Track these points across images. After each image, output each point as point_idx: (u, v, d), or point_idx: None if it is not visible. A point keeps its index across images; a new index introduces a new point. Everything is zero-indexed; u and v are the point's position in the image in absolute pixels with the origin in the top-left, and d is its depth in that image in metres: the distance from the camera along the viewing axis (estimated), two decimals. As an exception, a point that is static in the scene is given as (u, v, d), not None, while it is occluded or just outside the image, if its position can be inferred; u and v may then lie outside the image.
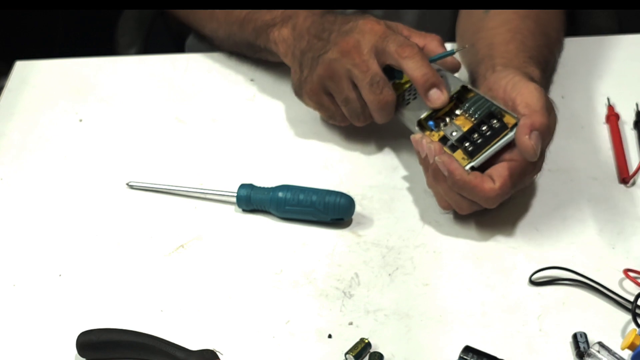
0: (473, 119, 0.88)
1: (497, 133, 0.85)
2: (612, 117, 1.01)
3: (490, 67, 0.93)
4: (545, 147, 0.86)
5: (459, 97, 0.91)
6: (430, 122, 0.91)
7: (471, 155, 0.85)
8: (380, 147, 1.00)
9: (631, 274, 0.81)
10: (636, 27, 1.20)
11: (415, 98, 0.94)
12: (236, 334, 0.79)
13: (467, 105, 0.89)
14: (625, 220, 0.89)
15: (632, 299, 0.78)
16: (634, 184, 0.93)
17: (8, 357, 0.78)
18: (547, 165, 0.89)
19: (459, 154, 0.86)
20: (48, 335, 0.79)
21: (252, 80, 1.11)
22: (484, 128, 0.86)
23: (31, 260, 0.87)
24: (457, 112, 0.90)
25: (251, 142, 1.01)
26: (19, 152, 1.00)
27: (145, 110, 1.07)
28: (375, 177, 0.96)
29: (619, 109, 1.02)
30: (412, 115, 0.93)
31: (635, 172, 0.93)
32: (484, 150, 0.85)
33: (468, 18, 1.07)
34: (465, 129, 0.87)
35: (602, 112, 1.02)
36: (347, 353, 0.76)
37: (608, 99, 1.03)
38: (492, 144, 0.85)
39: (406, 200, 0.92)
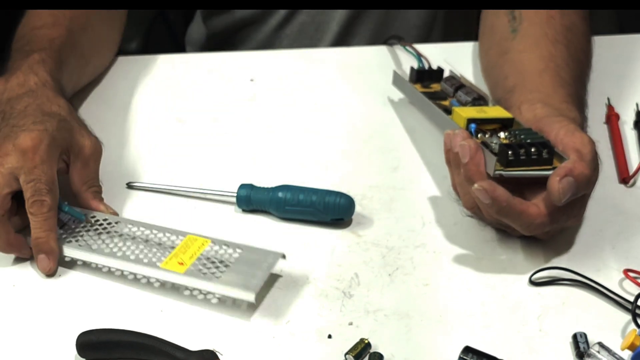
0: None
1: (541, 162, 0.83)
2: (612, 117, 1.01)
3: (526, 101, 0.90)
4: (579, 195, 0.82)
5: (505, 124, 0.89)
6: (472, 125, 0.88)
7: (508, 164, 0.82)
8: (380, 147, 1.00)
9: (631, 274, 0.81)
10: (636, 27, 1.21)
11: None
12: (236, 334, 0.79)
13: (516, 132, 0.86)
14: (625, 220, 0.89)
15: (632, 299, 0.78)
16: (634, 184, 0.93)
17: (8, 357, 0.78)
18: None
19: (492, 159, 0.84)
20: (48, 335, 0.79)
21: (252, 80, 1.11)
22: (533, 150, 0.82)
23: (31, 260, 0.87)
24: (501, 134, 0.87)
25: (251, 142, 1.01)
26: (19, 152, 1.00)
27: (145, 110, 1.07)
28: (375, 177, 0.96)
29: (619, 109, 1.02)
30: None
31: (635, 172, 0.93)
32: (521, 168, 0.82)
33: (491, 34, 1.05)
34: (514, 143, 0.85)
35: (602, 112, 1.02)
36: (347, 353, 0.76)
37: (608, 99, 1.03)
38: (532, 167, 0.83)
39: (406, 200, 0.92)
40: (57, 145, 0.86)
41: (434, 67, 1.04)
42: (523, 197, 0.83)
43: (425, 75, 1.03)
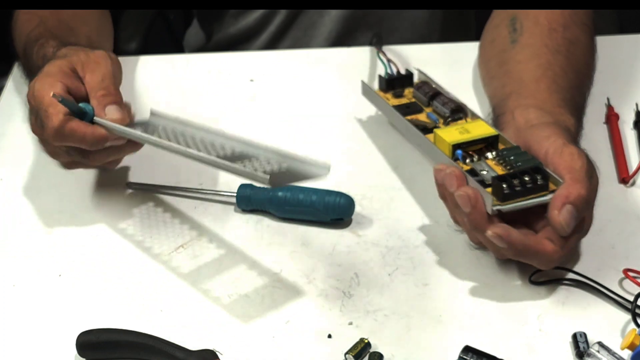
0: (509, 167, 0.83)
1: (537, 189, 0.80)
2: (612, 117, 1.01)
3: (519, 106, 0.89)
4: (582, 217, 0.80)
5: (492, 143, 0.86)
6: (459, 151, 0.86)
7: (504, 198, 0.79)
8: (380, 147, 1.00)
9: (631, 274, 0.81)
10: (636, 27, 1.21)
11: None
12: (236, 334, 0.79)
13: (504, 152, 0.84)
14: (625, 220, 0.89)
15: (632, 299, 0.78)
16: (633, 184, 0.93)
17: (8, 357, 0.78)
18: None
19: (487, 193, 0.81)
20: (48, 335, 0.79)
21: (252, 80, 1.11)
22: (526, 178, 0.80)
23: (31, 260, 0.87)
24: (489, 155, 0.85)
25: (251, 142, 1.01)
26: (19, 152, 1.00)
27: (146, 110, 1.06)
28: (375, 177, 0.96)
29: (619, 109, 1.02)
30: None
31: (635, 172, 0.93)
32: (519, 200, 0.80)
33: (492, 47, 1.04)
34: (502, 172, 0.82)
35: (602, 112, 1.02)
36: (347, 353, 0.76)
37: (608, 99, 1.03)
38: (529, 197, 0.80)
39: (406, 200, 0.92)
40: (55, 66, 0.87)
41: (403, 71, 1.00)
42: (527, 222, 0.82)
43: (396, 83, 0.99)
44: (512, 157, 0.83)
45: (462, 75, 1.09)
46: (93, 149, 0.86)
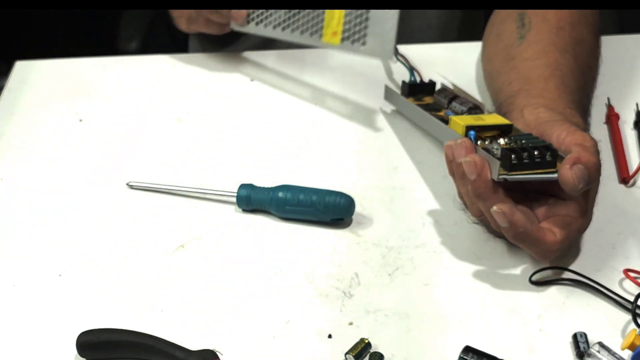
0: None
1: (544, 165, 0.81)
2: (612, 117, 1.01)
3: (529, 105, 0.89)
4: (591, 184, 0.81)
5: (505, 132, 0.87)
6: (472, 132, 0.86)
7: (511, 168, 0.80)
8: (380, 147, 1.00)
9: (631, 274, 0.81)
10: (636, 27, 1.21)
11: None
12: (236, 334, 0.79)
13: (517, 137, 0.84)
14: (625, 220, 0.89)
15: (632, 299, 0.78)
16: (634, 184, 0.93)
17: (8, 357, 0.78)
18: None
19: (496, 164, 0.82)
20: (48, 335, 0.79)
21: (252, 80, 1.11)
22: (536, 153, 0.81)
23: (31, 260, 0.87)
24: (501, 141, 0.85)
25: (251, 142, 1.01)
26: (19, 152, 1.00)
27: (145, 110, 1.07)
28: (375, 177, 0.96)
29: (619, 109, 1.02)
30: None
31: (635, 172, 0.93)
32: (525, 172, 0.80)
33: (497, 42, 1.04)
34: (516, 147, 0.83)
35: (602, 112, 1.02)
36: (347, 353, 0.76)
37: (608, 99, 1.03)
38: (535, 170, 0.81)
39: (406, 200, 0.92)
40: None
41: (426, 79, 1.02)
42: (531, 209, 0.82)
43: (417, 89, 1.01)
44: (523, 141, 0.83)
45: (461, 75, 1.09)
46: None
